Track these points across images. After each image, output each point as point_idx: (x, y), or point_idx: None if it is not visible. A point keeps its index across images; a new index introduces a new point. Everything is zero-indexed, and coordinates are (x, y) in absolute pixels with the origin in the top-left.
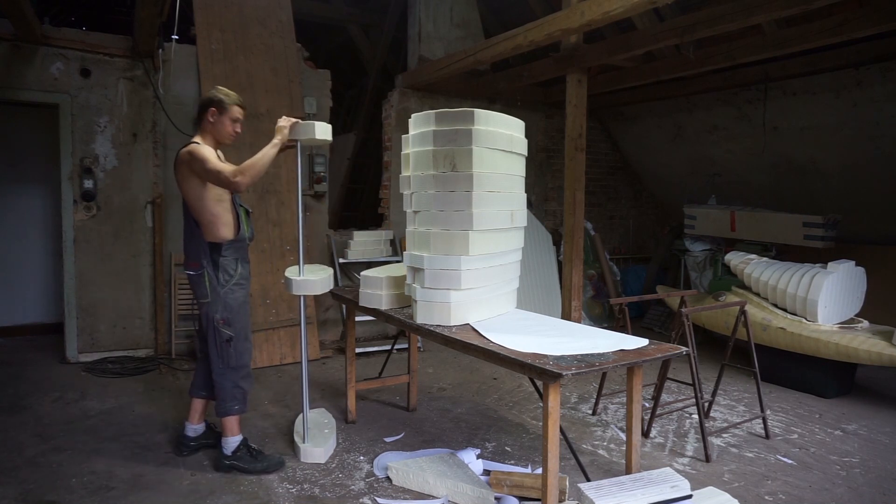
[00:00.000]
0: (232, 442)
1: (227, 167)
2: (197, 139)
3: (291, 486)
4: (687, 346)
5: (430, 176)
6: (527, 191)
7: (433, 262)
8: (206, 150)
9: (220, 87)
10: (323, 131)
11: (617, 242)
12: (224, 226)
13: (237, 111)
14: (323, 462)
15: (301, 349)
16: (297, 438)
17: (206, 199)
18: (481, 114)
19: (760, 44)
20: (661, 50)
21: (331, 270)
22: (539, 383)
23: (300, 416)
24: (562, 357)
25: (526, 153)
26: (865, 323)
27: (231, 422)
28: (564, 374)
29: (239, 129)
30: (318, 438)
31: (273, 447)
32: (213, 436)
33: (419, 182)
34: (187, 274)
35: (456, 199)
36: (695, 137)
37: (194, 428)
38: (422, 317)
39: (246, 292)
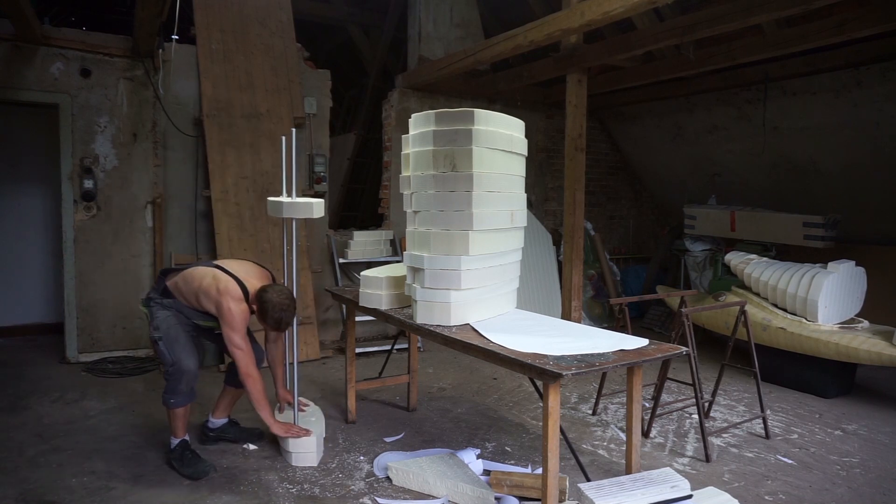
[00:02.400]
0: (172, 441)
1: (245, 349)
2: (251, 289)
3: (291, 486)
4: (687, 346)
5: (430, 176)
6: (527, 191)
7: (433, 262)
8: (239, 317)
9: (276, 308)
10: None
11: (617, 242)
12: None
13: (269, 328)
14: (315, 465)
15: (294, 350)
16: (283, 443)
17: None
18: (481, 114)
19: (760, 44)
20: (661, 50)
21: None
22: (539, 383)
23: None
24: (562, 357)
25: (526, 153)
26: (865, 323)
27: (173, 420)
28: (564, 374)
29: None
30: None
31: (273, 447)
32: (233, 430)
33: (419, 182)
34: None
35: (456, 199)
36: (695, 137)
37: (215, 422)
38: (422, 317)
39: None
